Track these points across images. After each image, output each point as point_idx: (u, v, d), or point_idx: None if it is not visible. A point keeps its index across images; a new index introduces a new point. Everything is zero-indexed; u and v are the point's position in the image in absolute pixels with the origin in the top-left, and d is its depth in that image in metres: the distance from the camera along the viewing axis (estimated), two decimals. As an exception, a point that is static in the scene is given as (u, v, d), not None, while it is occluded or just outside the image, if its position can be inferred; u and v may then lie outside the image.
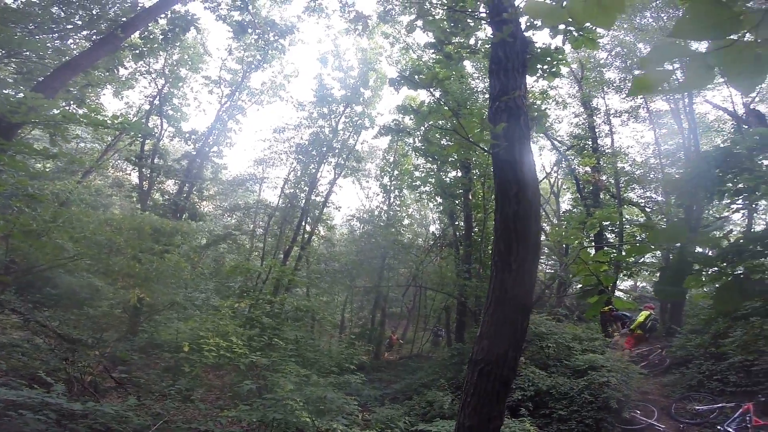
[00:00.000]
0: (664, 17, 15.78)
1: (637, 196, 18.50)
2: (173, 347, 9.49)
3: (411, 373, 15.09)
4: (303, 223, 21.65)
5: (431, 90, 7.23)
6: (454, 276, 16.18)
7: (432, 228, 28.10)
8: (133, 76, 19.13)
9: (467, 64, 16.83)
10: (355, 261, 20.65)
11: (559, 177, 25.84)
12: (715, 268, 3.21)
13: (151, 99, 19.95)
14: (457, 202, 18.16)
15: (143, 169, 18.36)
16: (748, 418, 8.04)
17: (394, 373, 16.59)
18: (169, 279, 11.70)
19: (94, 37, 12.23)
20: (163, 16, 12.97)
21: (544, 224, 18.94)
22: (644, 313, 12.37)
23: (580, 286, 3.67)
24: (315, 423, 7.23)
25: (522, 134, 4.16)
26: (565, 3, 1.44)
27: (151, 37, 13.30)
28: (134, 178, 21.50)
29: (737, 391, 9.36)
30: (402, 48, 19.46)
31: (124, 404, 6.96)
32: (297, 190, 22.62)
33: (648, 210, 17.74)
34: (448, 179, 18.39)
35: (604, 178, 17.63)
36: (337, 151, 22.30)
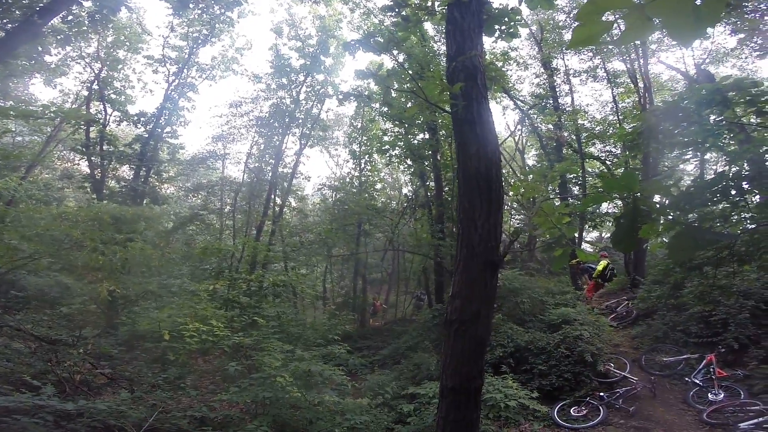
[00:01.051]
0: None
1: (598, 150, 19.13)
2: (155, 337, 9.44)
3: (397, 337, 15.41)
4: (272, 197, 21.37)
5: (392, 54, 7.09)
6: (429, 237, 16.44)
7: (405, 190, 28.21)
8: (63, 63, 17.83)
9: (429, 26, 16.54)
10: (330, 230, 20.75)
11: (523, 135, 26.27)
12: (669, 217, 3.39)
13: (89, 84, 18.74)
14: (426, 163, 18.26)
15: (92, 158, 17.61)
16: (712, 369, 8.61)
17: (380, 339, 16.89)
18: (138, 268, 11.40)
19: (9, 26, 11.04)
20: None
21: (510, 180, 19.32)
22: (602, 263, 13.22)
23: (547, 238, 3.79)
24: (305, 397, 7.39)
25: (479, 93, 4.18)
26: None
27: (77, 20, 12.15)
28: (84, 167, 20.54)
29: (699, 342, 9.86)
30: (363, 13, 18.86)
31: (117, 399, 6.93)
32: (262, 164, 22.18)
33: (609, 163, 18.35)
34: (416, 141, 18.38)
35: (565, 134, 18.06)
36: (300, 121, 21.81)
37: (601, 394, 8.97)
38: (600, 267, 13.15)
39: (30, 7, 10.80)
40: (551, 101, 18.78)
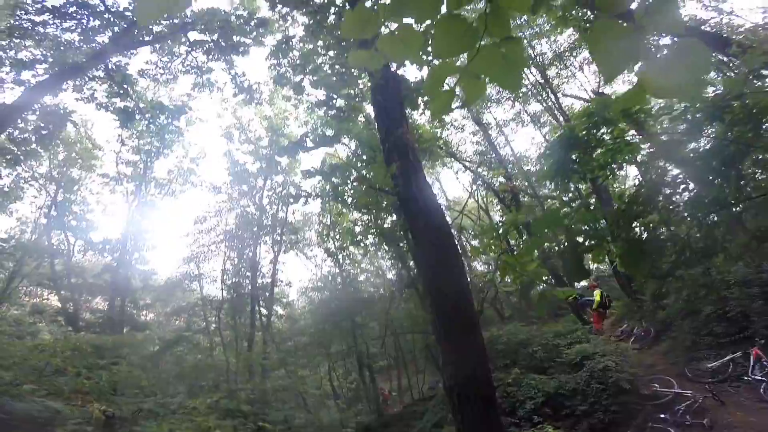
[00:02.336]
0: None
1: (549, 190, 20.12)
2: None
3: (419, 418, 14.69)
4: (257, 308, 20.86)
5: (336, 145, 7.57)
6: (422, 312, 16.26)
7: (389, 275, 28.18)
8: (16, 185, 16.84)
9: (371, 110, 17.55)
10: (323, 330, 20.15)
11: (480, 193, 27.43)
12: (606, 238, 3.63)
13: (46, 210, 18.33)
14: (401, 244, 18.47)
15: (62, 291, 17.12)
16: (765, 362, 8.56)
17: (403, 424, 16.10)
18: (129, 389, 10.97)
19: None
20: (30, 113, 11.72)
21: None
22: (597, 293, 13.74)
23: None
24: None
25: (414, 168, 4.53)
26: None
27: (23, 137, 12.00)
28: (55, 301, 19.70)
29: (732, 340, 9.76)
30: (307, 108, 19.91)
31: None
32: (239, 278, 21.87)
33: (564, 199, 19.22)
34: (387, 225, 18.75)
35: (517, 183, 19.06)
36: (269, 228, 21.97)
37: (662, 415, 8.46)
38: (597, 297, 13.61)
39: None
40: (493, 155, 20.02)
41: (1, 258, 15.72)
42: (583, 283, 23.23)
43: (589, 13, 8.37)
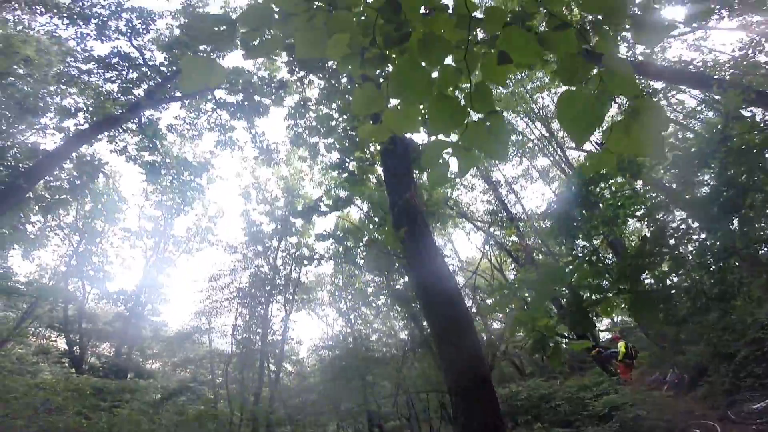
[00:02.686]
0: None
1: (561, 248, 20.01)
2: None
3: None
4: (266, 364, 20.43)
5: (348, 208, 7.82)
6: (436, 372, 15.78)
7: (401, 335, 27.63)
8: (42, 233, 17.02)
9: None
10: (332, 387, 19.54)
11: (493, 252, 27.32)
12: (608, 294, 3.66)
13: (67, 259, 18.62)
14: (414, 304, 18.33)
15: (71, 335, 17.16)
16: None
17: None
18: None
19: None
20: (67, 161, 12.16)
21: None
22: (622, 344, 13.43)
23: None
24: None
25: (421, 231, 4.68)
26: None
27: (59, 187, 12.40)
28: (62, 344, 19.58)
29: None
30: (321, 168, 20.54)
31: None
32: (250, 334, 21.66)
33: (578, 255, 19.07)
34: (399, 286, 18.69)
35: (530, 241, 19.02)
36: (282, 288, 22.04)
37: None
38: (622, 348, 13.33)
39: (15, 167, 10.68)
40: (504, 213, 20.15)
41: (16, 298, 15.83)
42: (606, 335, 22.59)
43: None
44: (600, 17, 1.51)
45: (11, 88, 11.26)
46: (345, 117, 6.99)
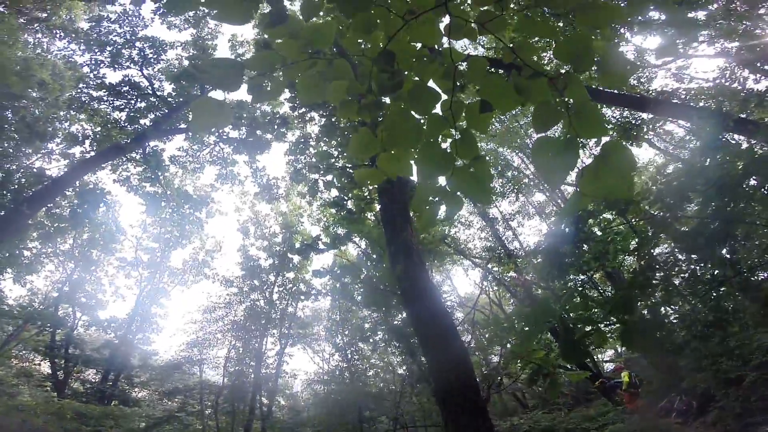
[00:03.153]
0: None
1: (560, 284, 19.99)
2: None
3: None
4: (258, 397, 19.92)
5: (346, 245, 7.92)
6: (434, 406, 15.45)
7: (399, 370, 27.14)
8: (37, 259, 16.76)
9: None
10: (327, 421, 19.00)
11: (492, 288, 27.20)
12: (597, 325, 3.73)
13: (60, 285, 18.47)
14: (413, 340, 18.13)
15: (56, 359, 16.90)
16: None
17: None
18: None
19: (-1, 212, 10.64)
20: (70, 189, 12.11)
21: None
22: (625, 374, 13.44)
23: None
24: None
25: (418, 269, 4.76)
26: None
27: (60, 215, 12.37)
28: (46, 368, 19.08)
29: None
30: (320, 205, 20.70)
31: None
32: (243, 367, 21.23)
33: (583, 291, 19.02)
34: (396, 322, 18.53)
35: (528, 276, 19.00)
36: (277, 322, 21.81)
37: None
38: (625, 378, 13.34)
39: (18, 192, 10.59)
40: (502, 250, 20.22)
41: (3, 321, 15.56)
42: (610, 366, 22.16)
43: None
44: (570, 65, 1.65)
45: (23, 110, 11.43)
46: (344, 154, 7.18)
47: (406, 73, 1.90)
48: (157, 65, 13.85)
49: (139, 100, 13.40)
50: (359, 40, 2.14)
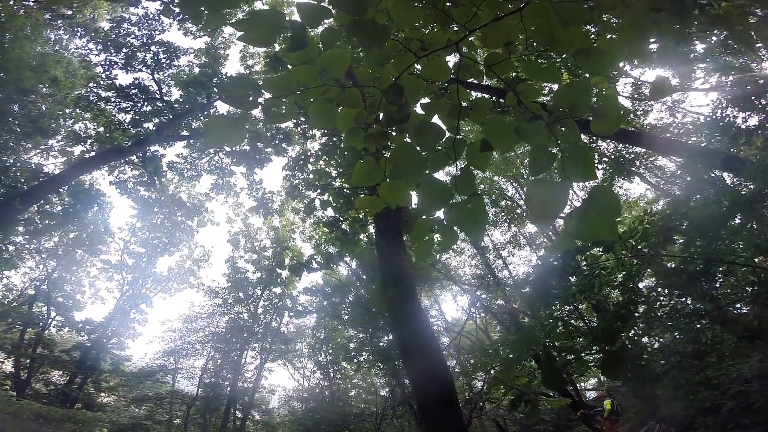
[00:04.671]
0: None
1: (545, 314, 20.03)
2: None
3: None
4: (233, 410, 19.46)
5: (336, 265, 7.94)
6: (417, 430, 15.20)
7: (382, 392, 26.74)
8: (19, 254, 16.12)
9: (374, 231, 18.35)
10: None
11: (479, 315, 27.16)
12: (576, 355, 3.83)
13: (38, 283, 17.84)
14: (397, 363, 17.96)
15: (21, 358, 16.32)
16: None
17: None
18: None
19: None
20: (65, 188, 11.93)
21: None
22: (607, 402, 13.70)
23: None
24: None
25: (409, 294, 4.83)
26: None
27: (50, 212, 12.13)
28: (9, 366, 18.18)
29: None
30: (313, 223, 20.64)
31: None
32: (219, 379, 20.79)
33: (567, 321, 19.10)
34: (382, 344, 18.40)
35: (516, 305, 19.06)
36: (260, 335, 21.52)
37: None
38: (608, 406, 13.58)
39: (13, 187, 10.49)
40: (491, 278, 20.33)
41: None
42: (593, 394, 22.04)
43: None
44: (567, 109, 1.76)
45: (31, 105, 11.40)
46: (343, 174, 7.28)
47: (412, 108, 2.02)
48: (168, 70, 13.98)
49: (145, 103, 13.45)
50: (371, 71, 2.27)
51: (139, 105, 13.41)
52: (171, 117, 13.44)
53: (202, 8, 2.51)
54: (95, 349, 18.22)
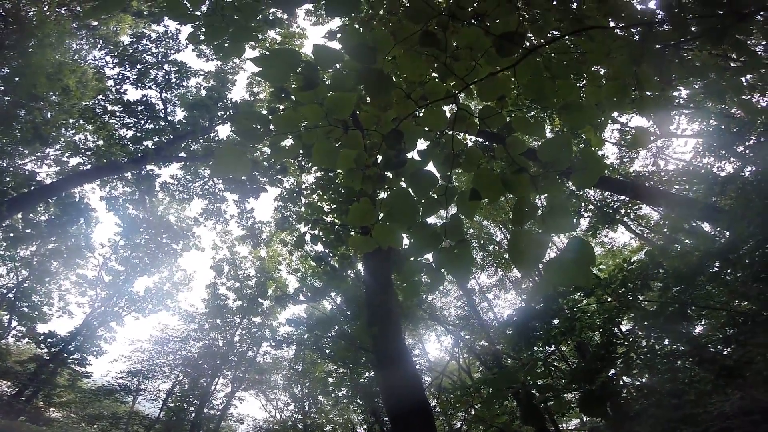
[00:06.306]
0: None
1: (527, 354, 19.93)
2: None
3: None
4: None
5: (322, 300, 7.90)
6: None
7: (360, 429, 25.86)
8: None
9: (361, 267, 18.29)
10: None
11: (462, 355, 26.85)
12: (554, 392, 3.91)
13: (5, 291, 17.20)
14: (377, 400, 17.50)
15: None
16: None
17: None
18: None
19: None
20: (53, 198, 11.80)
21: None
22: None
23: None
24: None
25: (394, 331, 4.88)
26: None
27: (35, 222, 11.95)
28: None
29: None
30: (301, 256, 20.54)
31: None
32: (184, 404, 19.92)
33: (548, 361, 19.00)
34: (363, 380, 18.00)
35: (499, 347, 18.94)
36: (233, 363, 20.92)
37: None
38: None
39: (2, 194, 10.30)
40: (476, 319, 20.29)
41: None
42: None
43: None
44: (550, 162, 1.91)
45: (36, 112, 11.40)
46: (335, 210, 7.38)
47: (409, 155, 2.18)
48: (177, 90, 14.16)
49: (149, 121, 13.55)
50: (374, 116, 2.44)
51: (143, 122, 13.50)
52: (172, 137, 13.52)
53: (226, 39, 2.71)
54: (54, 362, 17.52)
